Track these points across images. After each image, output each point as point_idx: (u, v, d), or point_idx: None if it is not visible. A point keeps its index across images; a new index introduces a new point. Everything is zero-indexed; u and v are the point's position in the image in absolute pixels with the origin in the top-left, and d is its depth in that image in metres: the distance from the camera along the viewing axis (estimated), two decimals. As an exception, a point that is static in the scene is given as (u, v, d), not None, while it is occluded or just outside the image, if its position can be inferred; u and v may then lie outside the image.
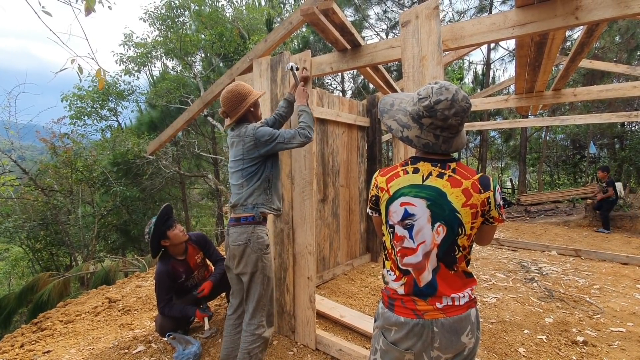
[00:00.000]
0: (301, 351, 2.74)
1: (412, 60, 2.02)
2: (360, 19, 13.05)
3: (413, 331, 1.22)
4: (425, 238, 1.23)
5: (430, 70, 1.97)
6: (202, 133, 12.93)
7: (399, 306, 1.26)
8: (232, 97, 2.24)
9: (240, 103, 2.25)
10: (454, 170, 1.24)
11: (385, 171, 1.32)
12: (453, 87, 1.20)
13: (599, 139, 14.60)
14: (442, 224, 1.21)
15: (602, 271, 4.69)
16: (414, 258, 1.24)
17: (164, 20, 11.14)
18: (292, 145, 2.22)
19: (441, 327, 1.20)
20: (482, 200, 1.22)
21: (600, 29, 2.83)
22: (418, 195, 1.22)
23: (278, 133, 2.21)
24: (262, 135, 2.19)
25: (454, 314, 1.22)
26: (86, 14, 2.45)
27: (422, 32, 1.99)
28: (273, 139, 2.19)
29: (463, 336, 1.22)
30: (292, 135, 2.21)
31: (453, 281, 1.25)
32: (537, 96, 4.46)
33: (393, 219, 1.27)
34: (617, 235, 7.14)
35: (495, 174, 21.16)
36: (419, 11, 1.98)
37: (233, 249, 2.22)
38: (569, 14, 1.73)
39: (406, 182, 1.25)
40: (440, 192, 1.21)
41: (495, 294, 3.90)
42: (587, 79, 11.57)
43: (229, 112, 2.28)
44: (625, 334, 2.98)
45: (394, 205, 1.26)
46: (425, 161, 1.27)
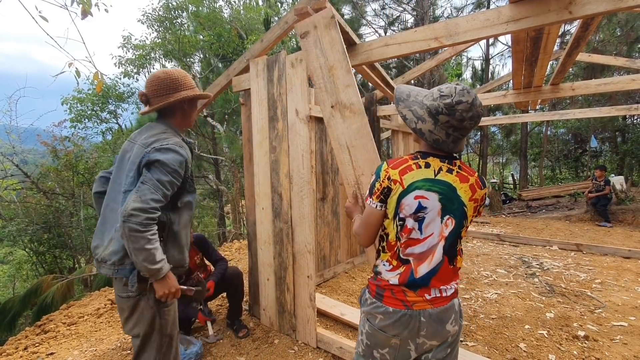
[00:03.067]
0: (302, 349, 2.75)
1: (320, 70, 2.02)
2: (358, 16, 13.02)
3: (400, 321, 1.27)
4: (434, 230, 1.27)
5: (341, 79, 1.97)
6: (202, 134, 12.94)
7: (388, 297, 1.31)
8: (164, 79, 1.73)
9: (172, 91, 1.73)
10: (460, 167, 1.30)
11: (397, 163, 1.30)
12: (473, 92, 1.23)
13: (600, 133, 14.56)
14: (451, 217, 1.27)
15: (603, 265, 4.69)
16: (419, 248, 1.28)
17: (162, 21, 11.15)
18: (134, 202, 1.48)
19: (428, 317, 1.27)
20: (482, 195, 1.31)
21: (596, 23, 2.82)
22: (431, 189, 1.25)
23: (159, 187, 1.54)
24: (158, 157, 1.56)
25: (440, 305, 1.28)
26: (82, 18, 2.47)
27: (324, 42, 2.00)
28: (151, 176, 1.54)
29: (448, 325, 1.29)
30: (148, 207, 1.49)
31: (447, 276, 1.31)
32: (535, 91, 4.45)
33: (405, 212, 1.27)
34: (618, 229, 7.13)
35: (497, 169, 21.12)
36: (317, 21, 1.97)
37: (121, 301, 1.66)
38: (563, 9, 1.72)
39: (420, 176, 1.26)
40: (451, 187, 1.26)
41: (496, 289, 3.90)
42: (587, 73, 11.53)
43: (151, 96, 1.73)
44: (627, 328, 2.98)
45: (408, 198, 1.26)
46: (434, 157, 1.30)
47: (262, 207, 3.08)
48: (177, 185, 1.64)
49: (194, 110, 1.87)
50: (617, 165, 13.64)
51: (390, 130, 6.29)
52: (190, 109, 1.85)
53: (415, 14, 12.37)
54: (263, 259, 3.13)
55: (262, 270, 3.15)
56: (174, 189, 1.62)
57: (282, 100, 2.82)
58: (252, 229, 3.27)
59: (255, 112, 3.06)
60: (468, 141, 17.67)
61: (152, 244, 1.48)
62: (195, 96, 1.79)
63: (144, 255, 1.47)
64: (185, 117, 1.84)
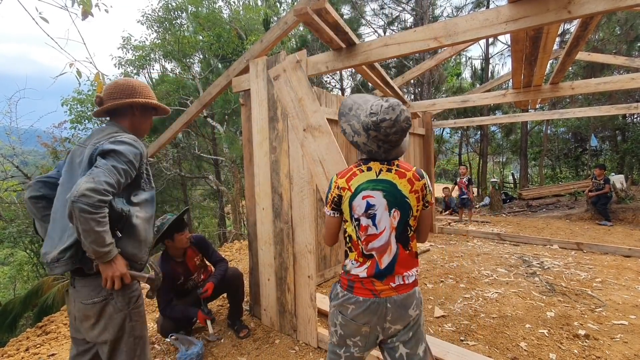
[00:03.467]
0: (303, 349, 2.75)
1: (292, 102, 2.43)
2: (357, 16, 13.03)
3: (370, 308, 1.44)
4: (386, 224, 1.45)
5: (309, 107, 2.37)
6: (202, 134, 12.95)
7: (358, 288, 1.47)
8: (122, 85, 1.76)
9: (125, 96, 1.75)
10: (398, 165, 1.48)
11: (343, 173, 1.51)
12: (399, 108, 1.38)
13: (600, 132, 14.55)
14: (397, 209, 1.45)
15: (604, 264, 4.69)
16: (378, 242, 1.46)
17: (161, 22, 11.16)
18: (87, 182, 1.40)
19: (393, 304, 1.44)
20: (421, 186, 1.47)
21: (595, 22, 2.82)
22: (375, 188, 1.44)
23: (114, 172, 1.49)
24: (112, 147, 1.54)
25: (403, 292, 1.46)
26: (83, 18, 2.47)
27: (293, 81, 2.39)
28: (105, 162, 1.50)
29: (410, 310, 1.47)
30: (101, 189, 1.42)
31: (407, 261, 1.49)
32: (534, 90, 4.45)
33: (357, 212, 1.46)
34: (619, 228, 7.13)
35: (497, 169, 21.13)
36: (285, 66, 2.40)
37: (85, 308, 1.58)
38: (562, 8, 1.73)
39: (364, 179, 1.46)
40: (392, 184, 1.45)
41: (497, 289, 3.90)
42: (587, 72, 11.52)
43: (106, 98, 1.75)
44: (627, 327, 2.98)
45: (357, 199, 1.45)
46: (374, 161, 1.49)
47: (263, 208, 3.09)
48: (131, 177, 1.60)
49: (145, 119, 1.86)
50: (617, 164, 13.65)
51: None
52: (142, 116, 1.83)
53: (415, 14, 12.37)
54: (264, 260, 3.13)
55: (263, 271, 3.15)
56: (128, 179, 1.58)
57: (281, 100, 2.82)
58: (253, 229, 3.28)
59: (255, 113, 3.06)
60: (468, 140, 17.68)
61: (102, 226, 1.43)
62: (146, 103, 1.78)
63: (93, 237, 1.42)
64: (135, 124, 1.82)
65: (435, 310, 3.41)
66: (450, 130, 18.96)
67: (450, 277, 4.33)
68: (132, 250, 1.64)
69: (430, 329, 3.08)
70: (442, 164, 25.15)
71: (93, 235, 1.41)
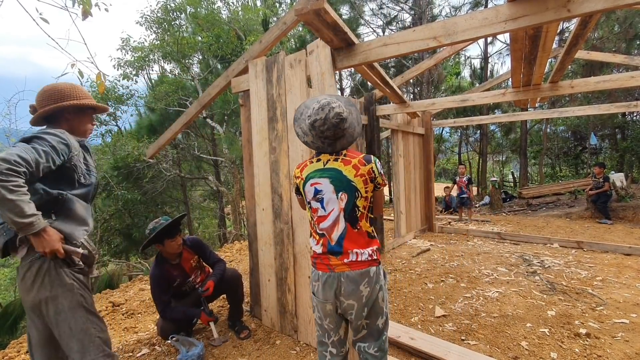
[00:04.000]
0: (304, 350, 2.75)
1: (317, 75, 2.57)
2: (356, 16, 13.02)
3: (327, 282, 1.63)
4: (334, 206, 1.65)
5: (327, 81, 2.51)
6: (201, 135, 12.94)
7: (319, 263, 1.68)
8: (47, 91, 1.77)
9: (54, 101, 1.76)
10: (345, 154, 1.70)
11: (299, 165, 1.79)
12: (328, 107, 1.61)
13: (600, 130, 14.55)
14: (344, 192, 1.64)
15: (604, 263, 4.69)
16: (326, 222, 1.66)
17: (160, 23, 11.15)
18: None
19: (346, 278, 1.61)
20: (368, 169, 1.66)
21: (594, 21, 2.82)
22: (322, 175, 1.67)
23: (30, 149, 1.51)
24: (36, 134, 1.62)
25: (356, 269, 1.61)
26: (83, 18, 2.47)
27: (321, 56, 2.53)
28: (24, 142, 1.56)
29: (361, 286, 1.60)
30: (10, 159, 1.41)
31: (357, 239, 1.65)
32: (534, 89, 4.44)
33: (308, 197, 1.71)
34: (619, 226, 7.13)
35: (497, 167, 21.13)
36: (318, 43, 2.54)
37: (22, 269, 1.65)
38: (561, 7, 1.72)
39: (312, 169, 1.70)
40: (337, 171, 1.65)
41: (497, 288, 3.90)
42: (586, 70, 11.52)
43: (38, 107, 1.78)
44: (628, 326, 2.97)
45: (307, 186, 1.70)
46: (324, 153, 1.72)
47: (263, 208, 3.08)
48: (54, 162, 1.58)
49: (82, 120, 1.87)
50: (617, 162, 13.65)
51: (389, 130, 6.29)
52: (77, 118, 1.84)
53: (413, 13, 12.37)
54: (264, 260, 3.13)
55: (263, 271, 3.15)
56: (50, 163, 1.55)
57: (281, 100, 2.82)
58: (253, 229, 3.27)
59: (255, 113, 3.06)
60: (467, 139, 17.68)
61: (16, 195, 1.38)
62: (73, 104, 1.78)
63: (7, 206, 1.37)
64: (72, 126, 1.82)
65: (436, 309, 3.41)
66: (449, 130, 18.96)
67: (450, 277, 4.33)
68: (68, 229, 1.68)
69: (431, 329, 3.08)
70: (441, 163, 25.16)
71: (7, 204, 1.37)
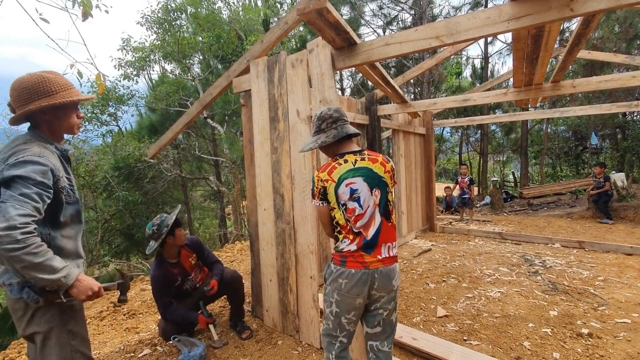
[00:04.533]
0: (306, 350, 2.74)
1: (317, 75, 2.57)
2: (356, 17, 13.02)
3: (361, 279, 1.68)
4: (369, 203, 1.71)
5: (327, 82, 2.52)
6: (202, 135, 12.94)
7: (351, 261, 1.70)
8: (16, 88, 1.55)
9: (26, 101, 1.53)
10: (368, 154, 1.78)
11: (323, 168, 1.77)
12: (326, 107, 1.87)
13: (600, 130, 14.54)
14: (377, 188, 1.73)
15: (606, 262, 4.68)
16: (363, 220, 1.71)
17: (161, 23, 11.16)
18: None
19: (380, 274, 1.70)
20: (391, 166, 1.81)
21: (597, 20, 2.81)
22: (355, 175, 1.71)
23: (24, 201, 1.35)
24: (15, 172, 1.37)
25: (388, 265, 1.73)
26: (83, 19, 2.46)
27: (321, 56, 2.53)
28: (12, 193, 1.35)
29: (393, 280, 1.74)
30: (17, 223, 1.29)
31: (390, 232, 1.76)
32: (535, 89, 4.44)
33: (343, 198, 1.71)
34: (620, 226, 7.12)
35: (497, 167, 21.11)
36: (318, 42, 2.54)
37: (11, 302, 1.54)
38: (564, 6, 1.72)
39: (344, 170, 1.72)
40: (368, 169, 1.73)
41: (499, 288, 3.89)
42: (587, 70, 11.50)
43: (15, 105, 1.56)
44: (630, 325, 2.97)
45: (341, 187, 1.71)
46: (348, 154, 1.76)
47: (264, 208, 3.08)
48: (49, 197, 1.44)
49: (62, 117, 1.61)
50: (617, 162, 13.63)
51: (390, 130, 6.28)
52: (54, 118, 1.59)
53: (414, 13, 12.36)
54: (265, 260, 3.12)
55: (265, 272, 3.15)
56: (45, 200, 1.42)
57: (283, 100, 2.82)
58: (254, 230, 3.27)
59: (256, 113, 3.06)
60: (468, 139, 17.67)
61: (42, 256, 1.33)
62: (51, 105, 1.53)
63: (37, 270, 1.32)
64: (53, 127, 1.61)
65: (438, 310, 3.41)
66: (450, 130, 18.95)
67: (452, 277, 4.32)
68: None
69: (433, 329, 3.07)
70: (442, 163, 25.15)
71: (37, 267, 1.32)
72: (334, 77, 2.55)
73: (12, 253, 1.27)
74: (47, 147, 1.54)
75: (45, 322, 1.50)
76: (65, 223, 1.58)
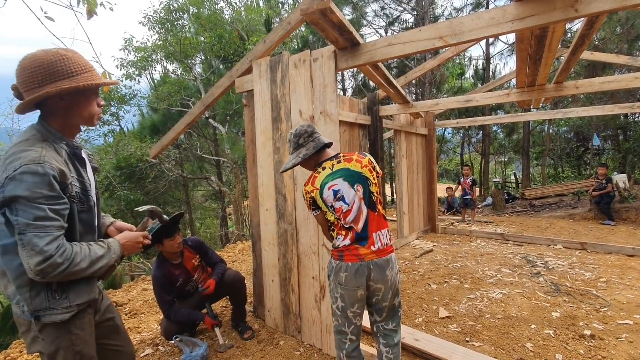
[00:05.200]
0: (308, 351, 2.74)
1: (319, 86, 2.59)
2: (358, 17, 13.02)
3: (359, 271, 1.79)
4: (354, 198, 1.84)
5: (329, 95, 2.53)
6: (204, 135, 12.95)
7: (347, 255, 1.82)
8: (28, 67, 1.30)
9: (41, 83, 1.29)
10: (343, 155, 1.93)
11: (307, 181, 1.94)
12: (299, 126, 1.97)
13: (602, 131, 14.50)
14: (358, 183, 1.85)
15: (608, 264, 4.67)
16: (351, 215, 1.84)
17: (163, 23, 11.17)
18: (30, 258, 1.20)
19: (375, 265, 1.81)
20: (367, 161, 1.92)
21: (601, 21, 2.81)
22: (335, 177, 1.86)
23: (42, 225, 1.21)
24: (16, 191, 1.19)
25: (382, 256, 1.83)
26: (88, 17, 2.47)
27: (325, 67, 2.54)
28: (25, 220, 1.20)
29: (387, 271, 1.83)
30: (51, 252, 1.21)
31: (378, 221, 1.88)
32: (538, 89, 4.43)
33: (329, 201, 1.86)
34: (622, 227, 7.10)
35: (499, 168, 21.08)
36: (323, 52, 2.54)
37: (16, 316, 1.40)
38: (569, 7, 1.72)
39: (323, 176, 1.88)
40: (345, 168, 1.87)
41: (501, 289, 3.89)
42: (589, 71, 11.48)
43: (22, 89, 1.32)
44: (632, 327, 2.96)
45: (325, 192, 1.86)
46: (325, 162, 1.92)
47: (266, 209, 3.08)
48: (66, 208, 1.30)
49: (81, 105, 1.39)
50: (619, 163, 13.60)
51: (392, 130, 6.28)
52: (74, 105, 1.37)
53: (416, 14, 12.35)
54: (267, 260, 3.12)
55: (267, 272, 3.14)
56: (64, 213, 1.29)
57: (285, 101, 2.82)
58: (256, 230, 3.27)
59: (259, 113, 3.06)
60: (470, 140, 17.65)
61: (86, 257, 1.30)
62: (75, 88, 1.31)
63: (92, 268, 1.31)
64: (69, 117, 1.39)
65: (440, 311, 3.40)
66: (452, 130, 18.94)
67: (454, 278, 4.31)
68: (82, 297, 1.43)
69: (435, 330, 3.07)
70: (443, 163, 25.12)
71: (90, 268, 1.31)
72: (336, 90, 2.55)
73: (63, 274, 1.25)
74: (52, 147, 1.33)
75: (50, 342, 1.34)
76: (81, 234, 1.42)
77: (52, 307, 1.32)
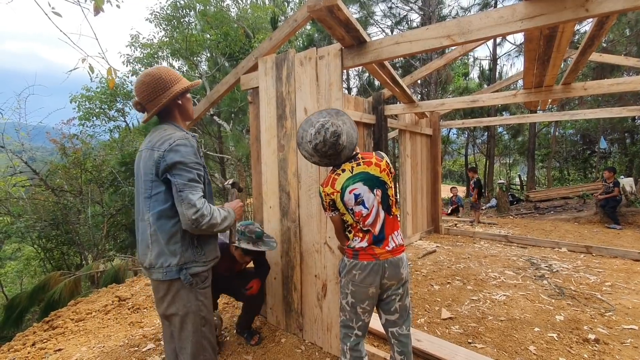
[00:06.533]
0: (309, 349, 2.74)
1: (324, 84, 2.56)
2: (366, 16, 12.97)
3: (373, 269, 1.84)
4: (373, 202, 1.87)
5: (334, 94, 2.51)
6: (208, 132, 12.98)
7: (362, 254, 1.87)
8: (150, 82, 1.72)
9: (162, 91, 1.73)
10: (362, 158, 1.93)
11: (325, 182, 1.94)
12: (323, 129, 1.85)
13: (609, 134, 14.38)
14: (377, 188, 1.88)
15: (613, 268, 4.62)
16: (370, 219, 1.87)
17: (169, 20, 11.20)
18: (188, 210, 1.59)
19: (390, 264, 1.86)
20: (385, 163, 1.94)
21: (611, 21, 2.77)
22: (355, 181, 1.87)
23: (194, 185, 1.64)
24: (175, 158, 1.62)
25: (396, 255, 1.88)
26: (95, 14, 2.47)
27: (331, 65, 2.53)
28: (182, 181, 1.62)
29: (401, 269, 1.90)
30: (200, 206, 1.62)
31: (393, 224, 1.92)
32: (546, 91, 4.38)
33: (350, 204, 1.88)
34: (628, 232, 7.03)
35: (504, 170, 20.97)
36: (329, 50, 2.53)
37: (155, 284, 1.75)
38: (579, 6, 1.69)
39: (344, 179, 1.89)
40: (365, 173, 1.88)
41: (505, 291, 3.86)
42: (597, 73, 11.38)
43: (145, 102, 1.75)
44: (637, 332, 2.93)
45: (346, 195, 1.87)
46: (343, 163, 1.93)
47: (270, 206, 3.08)
48: (205, 174, 1.76)
49: (189, 101, 1.89)
50: (626, 167, 13.47)
51: (397, 130, 6.25)
52: (186, 101, 1.86)
53: (423, 13, 12.29)
54: (270, 258, 3.12)
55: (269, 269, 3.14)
56: (202, 180, 1.72)
57: (290, 98, 2.81)
58: (260, 227, 3.26)
59: (264, 111, 3.05)
60: (475, 141, 17.58)
61: (218, 214, 1.69)
62: (184, 89, 1.79)
63: (222, 225, 1.71)
64: (183, 112, 1.87)
65: (443, 312, 3.38)
66: (457, 131, 18.86)
67: (457, 279, 4.29)
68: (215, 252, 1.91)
69: (437, 331, 3.05)
70: (448, 164, 25.01)
71: (221, 225, 1.71)
72: (342, 88, 2.53)
73: (208, 225, 1.62)
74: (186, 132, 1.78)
75: (183, 305, 1.70)
76: (209, 199, 1.83)
77: (196, 260, 1.72)
